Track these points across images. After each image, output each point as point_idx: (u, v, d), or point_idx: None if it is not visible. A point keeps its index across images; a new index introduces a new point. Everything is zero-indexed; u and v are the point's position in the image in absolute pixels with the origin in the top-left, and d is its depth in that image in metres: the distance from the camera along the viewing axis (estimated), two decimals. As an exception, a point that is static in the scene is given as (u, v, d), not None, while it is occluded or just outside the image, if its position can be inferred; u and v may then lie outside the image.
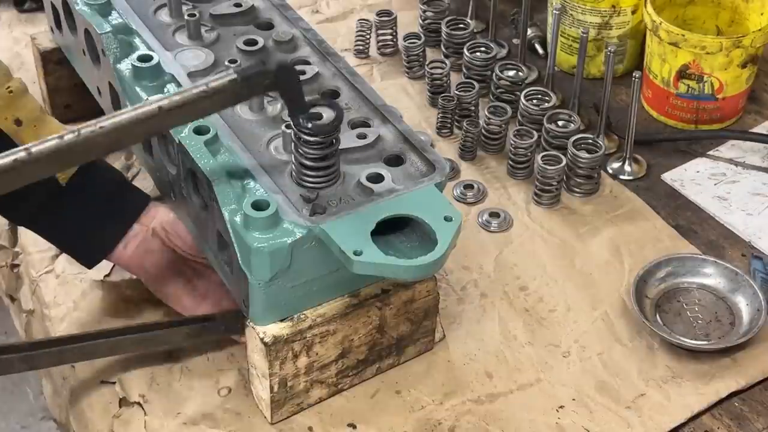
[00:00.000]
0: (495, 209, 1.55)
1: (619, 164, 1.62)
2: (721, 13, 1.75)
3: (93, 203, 1.30)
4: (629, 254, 1.48)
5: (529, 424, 1.26)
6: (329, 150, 1.18)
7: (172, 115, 1.07)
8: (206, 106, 1.09)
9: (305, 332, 1.20)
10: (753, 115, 1.75)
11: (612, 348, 1.35)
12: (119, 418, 1.28)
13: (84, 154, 1.05)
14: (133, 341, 1.29)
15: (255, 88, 1.11)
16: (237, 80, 1.10)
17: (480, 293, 1.42)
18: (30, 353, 1.25)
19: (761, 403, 1.29)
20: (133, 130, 1.05)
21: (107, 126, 1.04)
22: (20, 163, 1.00)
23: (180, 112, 1.07)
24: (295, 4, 1.79)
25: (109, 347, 1.28)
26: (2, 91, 1.24)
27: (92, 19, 1.41)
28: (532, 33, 1.86)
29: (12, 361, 1.24)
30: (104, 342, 1.27)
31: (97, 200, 1.30)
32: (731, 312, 1.39)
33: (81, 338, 1.28)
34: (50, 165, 1.03)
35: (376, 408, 1.28)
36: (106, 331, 1.29)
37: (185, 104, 1.07)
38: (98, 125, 1.03)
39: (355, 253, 1.10)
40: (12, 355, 1.24)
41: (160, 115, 1.06)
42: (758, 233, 1.51)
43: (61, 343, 1.27)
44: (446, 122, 1.69)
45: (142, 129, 1.06)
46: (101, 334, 1.28)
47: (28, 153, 1.00)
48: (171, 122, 1.10)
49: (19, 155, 1.00)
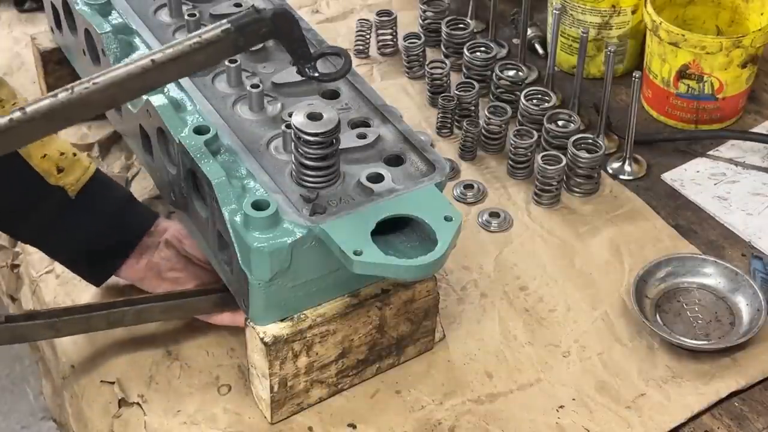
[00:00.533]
0: (495, 209, 1.55)
1: (619, 164, 1.62)
2: (721, 13, 1.75)
3: (103, 218, 1.31)
4: (629, 254, 1.48)
5: (529, 424, 1.26)
6: (329, 150, 1.18)
7: (166, 68, 1.05)
8: (201, 58, 1.07)
9: (305, 332, 1.20)
10: (753, 115, 1.75)
11: (612, 348, 1.35)
12: (119, 418, 1.28)
13: (79, 111, 1.03)
14: (161, 309, 1.29)
15: (251, 37, 1.09)
16: (230, 30, 1.07)
17: (480, 293, 1.42)
18: (57, 319, 1.24)
19: (761, 403, 1.29)
20: (128, 85, 1.04)
21: (101, 82, 1.03)
22: (16, 123, 0.99)
23: (174, 65, 1.05)
24: (295, 4, 1.79)
25: (136, 315, 1.28)
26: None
27: (92, 18, 1.41)
28: (532, 33, 1.86)
29: (37, 328, 1.24)
30: (131, 309, 1.27)
31: (105, 215, 1.31)
32: (731, 312, 1.39)
33: (108, 306, 1.27)
34: (46, 123, 1.02)
35: (376, 408, 1.28)
36: (133, 299, 1.29)
37: (179, 57, 1.05)
38: (91, 81, 1.02)
39: (355, 253, 1.10)
40: (38, 321, 1.24)
41: (154, 69, 1.04)
42: (758, 233, 1.51)
43: (89, 310, 1.27)
44: (446, 122, 1.69)
45: (136, 84, 1.05)
46: (128, 302, 1.28)
47: (24, 112, 1.00)
48: (166, 77, 1.07)
49: (14, 115, 0.99)
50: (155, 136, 1.31)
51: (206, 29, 1.08)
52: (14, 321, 1.23)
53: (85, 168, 1.30)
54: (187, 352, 1.34)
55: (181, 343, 1.35)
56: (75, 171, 1.29)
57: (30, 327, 1.24)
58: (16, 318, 1.23)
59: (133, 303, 1.28)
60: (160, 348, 1.35)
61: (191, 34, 1.08)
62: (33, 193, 1.27)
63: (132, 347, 1.35)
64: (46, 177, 1.27)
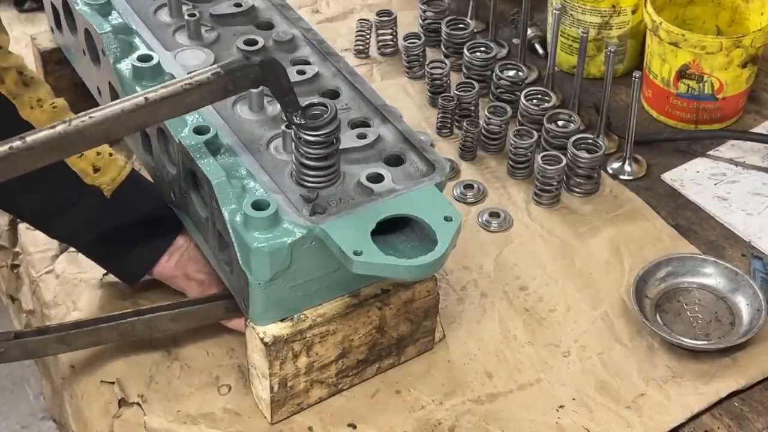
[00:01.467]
0: (495, 209, 1.55)
1: (619, 164, 1.62)
2: (721, 13, 1.75)
3: (137, 217, 1.32)
4: (629, 254, 1.48)
5: (529, 423, 1.26)
6: (329, 150, 1.18)
7: (158, 107, 1.10)
8: (193, 99, 1.12)
9: (305, 332, 1.20)
10: (753, 115, 1.75)
11: (612, 348, 1.35)
12: (119, 418, 1.28)
13: (76, 143, 1.07)
14: (170, 317, 1.29)
15: (241, 81, 1.14)
16: (221, 73, 1.12)
17: (480, 293, 1.42)
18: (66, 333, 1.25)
19: (761, 403, 1.29)
20: (122, 120, 1.08)
21: (96, 117, 1.07)
22: (16, 151, 1.03)
23: (166, 104, 1.10)
24: (295, 4, 1.79)
25: (146, 325, 1.29)
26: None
27: (92, 18, 1.41)
28: (532, 33, 1.86)
29: (48, 342, 1.25)
30: (140, 319, 1.28)
31: (140, 215, 1.32)
32: (731, 312, 1.39)
33: (118, 317, 1.28)
34: (45, 153, 1.05)
35: (376, 408, 1.28)
36: (142, 309, 1.30)
37: (170, 96, 1.10)
38: (88, 116, 1.07)
39: (355, 253, 1.10)
40: (48, 336, 1.25)
41: (147, 107, 1.09)
42: (758, 233, 1.51)
43: (98, 322, 1.27)
44: (446, 122, 1.69)
45: (130, 120, 1.09)
46: (138, 312, 1.29)
47: (23, 141, 1.03)
48: (159, 114, 1.12)
49: (15, 143, 1.03)
50: (155, 136, 1.31)
51: (198, 72, 1.13)
52: (24, 337, 1.24)
53: (121, 168, 1.31)
54: (187, 352, 1.34)
55: (181, 344, 1.35)
56: (111, 171, 1.30)
57: (41, 342, 1.25)
58: (26, 334, 1.25)
59: (142, 313, 1.29)
60: (159, 348, 1.35)
61: (183, 77, 1.12)
62: (69, 192, 1.28)
63: (132, 348, 1.35)
64: (83, 176, 1.28)
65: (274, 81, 1.15)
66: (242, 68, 1.13)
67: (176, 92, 1.10)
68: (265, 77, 1.15)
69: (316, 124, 1.16)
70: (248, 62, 1.13)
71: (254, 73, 1.14)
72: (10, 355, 1.24)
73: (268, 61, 1.14)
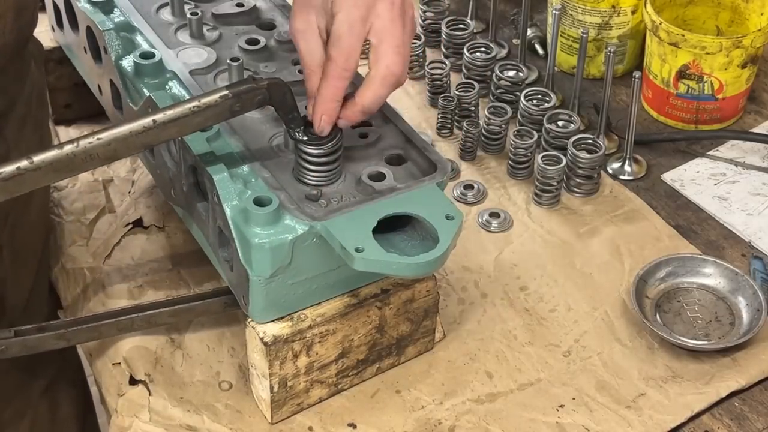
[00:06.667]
0: (495, 209, 1.55)
1: (619, 164, 1.62)
2: (721, 13, 1.75)
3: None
4: (629, 254, 1.48)
5: (529, 423, 1.26)
6: (332, 148, 1.19)
7: (166, 128, 1.13)
8: (200, 120, 1.15)
9: (305, 332, 1.20)
10: (753, 115, 1.75)
11: (612, 348, 1.35)
12: (123, 396, 1.28)
13: (83, 163, 1.11)
14: (170, 313, 1.30)
15: (247, 103, 1.17)
16: (228, 96, 1.15)
17: (480, 293, 1.42)
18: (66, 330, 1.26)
19: (761, 403, 1.29)
20: (129, 141, 1.12)
21: (104, 137, 1.11)
22: (23, 171, 1.07)
23: (174, 125, 1.13)
24: (296, 3, 1.78)
25: (146, 320, 1.29)
26: None
27: (94, 16, 1.41)
28: (532, 33, 1.86)
29: (48, 338, 1.26)
30: (140, 315, 1.28)
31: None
32: (731, 312, 1.39)
33: (117, 314, 1.29)
34: (51, 173, 1.09)
35: (376, 408, 1.28)
36: (141, 305, 1.30)
37: (178, 118, 1.13)
38: (95, 137, 1.10)
39: (356, 250, 1.10)
40: (48, 333, 1.26)
41: (155, 128, 1.12)
42: (758, 233, 1.51)
43: (98, 319, 1.28)
44: (446, 122, 1.69)
45: (138, 141, 1.12)
46: (137, 308, 1.29)
47: (31, 162, 1.07)
48: (167, 135, 1.15)
49: (21, 164, 1.07)
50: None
51: (205, 94, 1.16)
52: (24, 334, 1.25)
53: None
54: (189, 342, 1.34)
55: (183, 334, 1.35)
56: None
57: (41, 339, 1.26)
58: (26, 331, 1.25)
59: (141, 309, 1.29)
60: (163, 335, 1.35)
61: (191, 98, 1.15)
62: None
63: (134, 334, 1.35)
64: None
65: (279, 101, 1.18)
66: (249, 90, 1.16)
67: (184, 114, 1.13)
68: (272, 98, 1.17)
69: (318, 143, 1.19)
70: (256, 85, 1.16)
71: (261, 94, 1.17)
72: (10, 352, 1.25)
73: (275, 83, 1.17)
